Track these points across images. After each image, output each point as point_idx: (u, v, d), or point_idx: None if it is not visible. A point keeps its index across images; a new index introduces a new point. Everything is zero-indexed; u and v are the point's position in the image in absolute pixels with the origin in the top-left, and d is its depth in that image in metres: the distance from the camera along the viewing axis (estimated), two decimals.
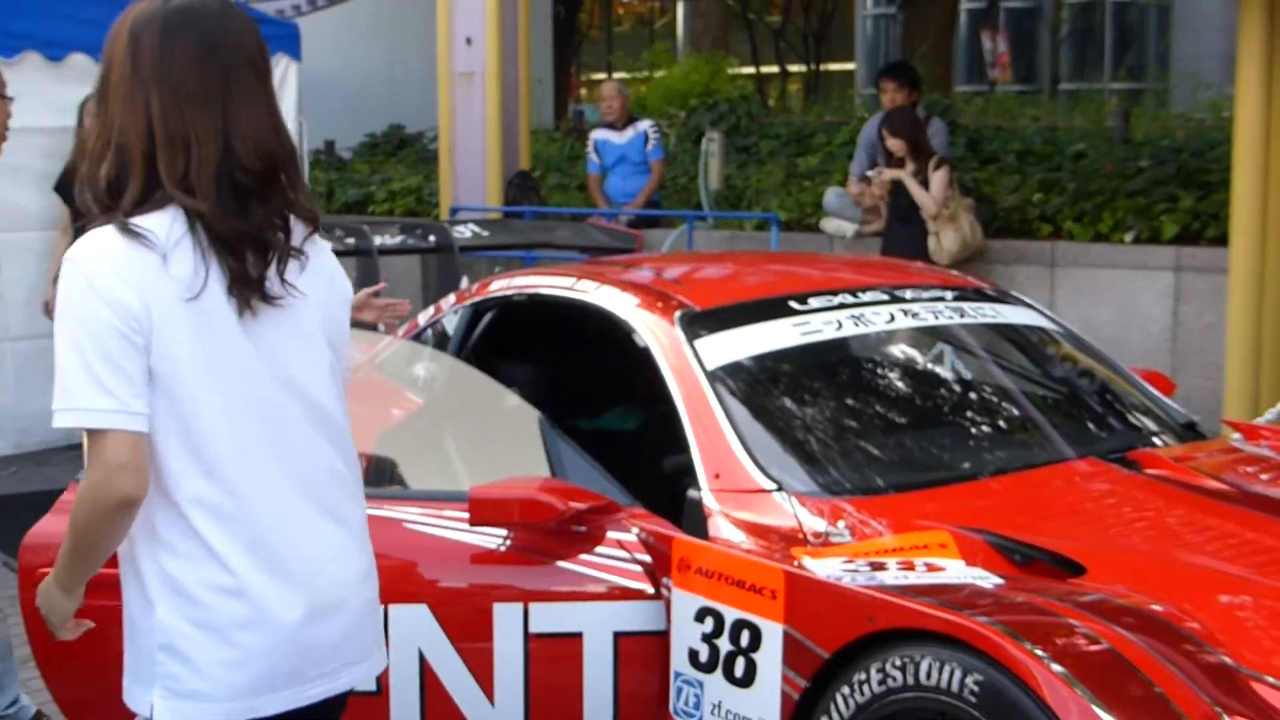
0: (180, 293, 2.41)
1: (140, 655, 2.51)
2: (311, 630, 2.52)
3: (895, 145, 8.64)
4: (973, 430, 4.52)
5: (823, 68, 27.01)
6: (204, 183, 2.42)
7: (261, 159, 2.47)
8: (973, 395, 4.69)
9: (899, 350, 4.72)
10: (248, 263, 2.45)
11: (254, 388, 2.49)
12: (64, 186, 8.28)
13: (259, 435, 2.49)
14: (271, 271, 2.49)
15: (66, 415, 2.39)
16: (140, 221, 2.41)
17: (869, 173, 9.01)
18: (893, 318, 4.45)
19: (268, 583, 2.48)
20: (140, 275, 2.39)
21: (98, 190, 2.46)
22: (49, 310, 8.45)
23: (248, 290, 2.46)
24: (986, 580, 3.29)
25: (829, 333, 4.34)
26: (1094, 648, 2.94)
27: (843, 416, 4.35)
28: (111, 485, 2.36)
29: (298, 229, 2.56)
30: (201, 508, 2.45)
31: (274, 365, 2.51)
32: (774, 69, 25.97)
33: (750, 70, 25.03)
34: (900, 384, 4.66)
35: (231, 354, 2.46)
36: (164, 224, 2.42)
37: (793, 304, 4.40)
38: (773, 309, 4.40)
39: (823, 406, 4.36)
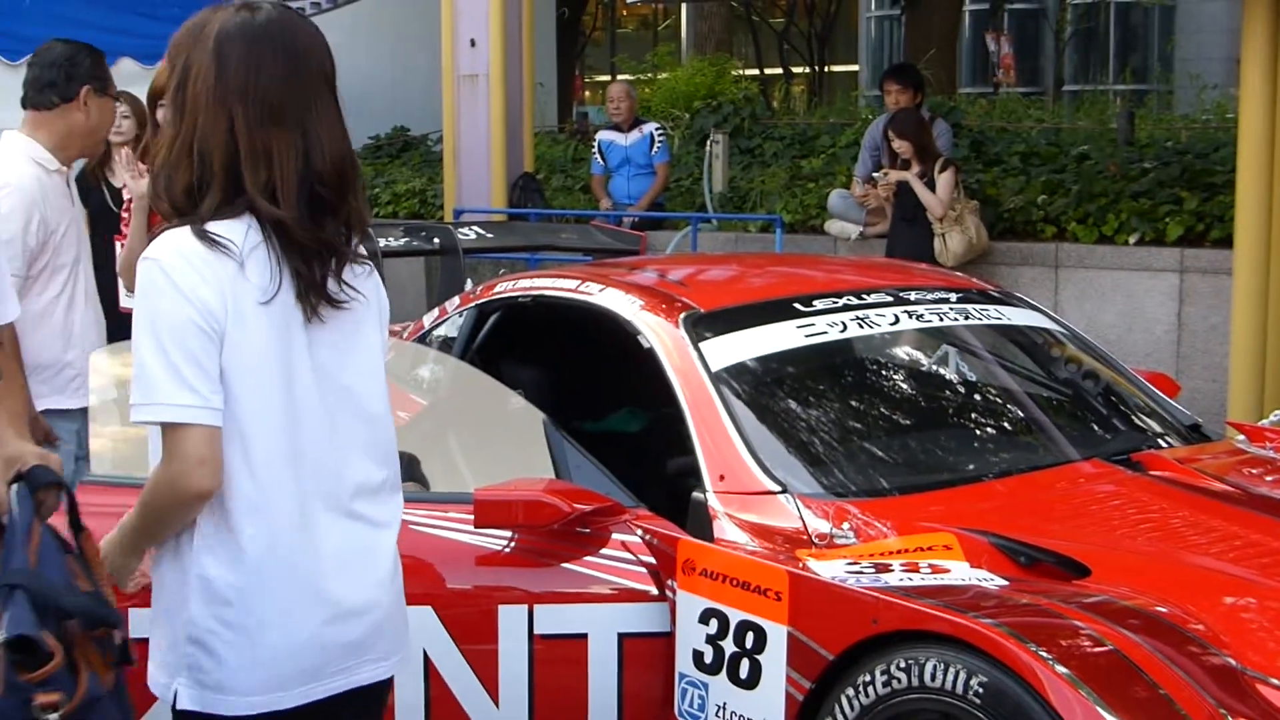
0: (256, 296, 2.47)
1: (169, 642, 2.57)
2: (335, 631, 2.57)
3: (901, 147, 8.64)
4: (977, 432, 4.52)
5: (826, 70, 27.02)
6: (287, 194, 2.49)
7: (337, 171, 2.56)
8: (977, 397, 4.69)
9: (903, 352, 4.72)
10: (315, 269, 2.53)
11: (303, 395, 2.54)
12: (83, 188, 8.28)
13: (298, 441, 2.53)
14: (333, 276, 2.56)
15: (147, 410, 2.45)
16: (217, 228, 2.47)
17: (875, 174, 9.01)
18: (897, 319, 4.45)
19: (293, 587, 2.53)
20: (219, 276, 2.44)
21: (175, 195, 2.52)
22: None
23: (315, 295, 2.53)
24: (991, 582, 3.29)
25: (833, 334, 4.34)
26: (1098, 649, 2.95)
27: (847, 418, 4.35)
28: (191, 480, 2.43)
29: (354, 237, 2.64)
30: (247, 511, 2.50)
31: (327, 373, 2.57)
32: (778, 71, 25.97)
33: (754, 72, 25.04)
34: (905, 386, 4.66)
35: (290, 360, 2.52)
36: (240, 232, 2.48)
37: (797, 306, 4.40)
38: (777, 311, 4.40)
39: (827, 408, 4.36)
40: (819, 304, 4.42)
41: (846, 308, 4.42)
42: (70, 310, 4.86)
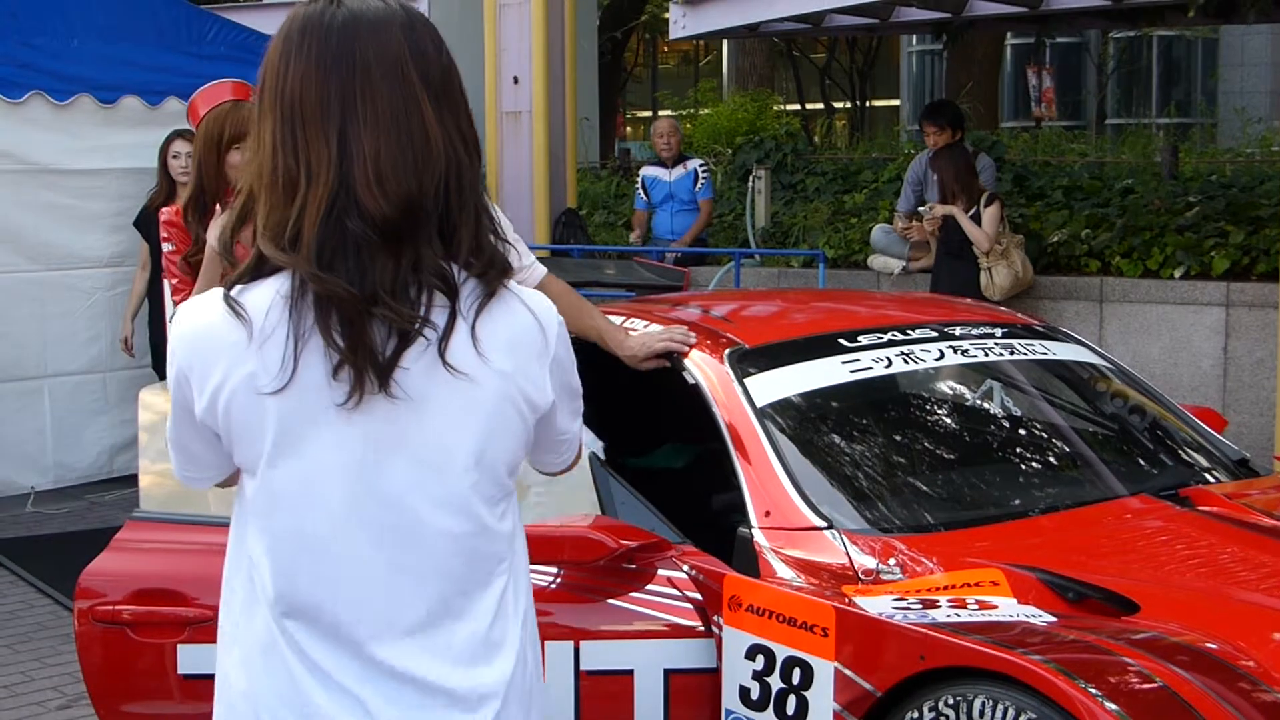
0: (265, 382, 1.94)
1: None
2: None
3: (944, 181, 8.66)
4: (1023, 467, 4.50)
5: (868, 104, 27.06)
6: (306, 232, 1.92)
7: (394, 193, 1.93)
8: (1023, 432, 4.67)
9: (948, 387, 4.71)
10: (369, 338, 1.92)
11: (329, 504, 2.02)
12: (143, 222, 8.36)
13: (325, 540, 2.03)
14: (408, 353, 1.95)
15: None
16: (245, 295, 1.97)
17: (921, 209, 9.01)
18: (942, 355, 4.45)
19: None
20: (219, 361, 1.97)
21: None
22: (128, 345, 8.54)
23: (361, 372, 1.93)
24: (1039, 618, 3.27)
25: (878, 370, 4.33)
26: (1148, 686, 2.93)
27: (893, 454, 4.34)
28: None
29: (470, 290, 2.01)
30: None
31: (368, 478, 2.01)
32: (819, 106, 26.04)
33: (796, 107, 25.11)
34: (950, 421, 4.65)
35: (316, 459, 1.99)
36: (266, 297, 1.95)
37: (842, 341, 4.40)
38: (822, 346, 4.40)
39: (872, 444, 4.36)
40: (864, 339, 4.41)
41: (891, 343, 4.42)
42: None
